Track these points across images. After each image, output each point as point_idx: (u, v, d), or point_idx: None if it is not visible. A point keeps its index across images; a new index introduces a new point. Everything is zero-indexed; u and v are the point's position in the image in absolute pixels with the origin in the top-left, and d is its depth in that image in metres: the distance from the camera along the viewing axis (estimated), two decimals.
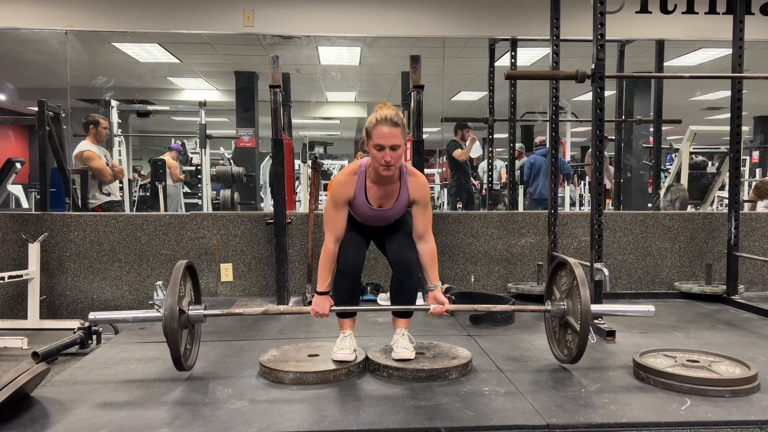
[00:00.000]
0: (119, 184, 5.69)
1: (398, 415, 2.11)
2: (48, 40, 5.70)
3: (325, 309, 2.57)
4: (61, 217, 4.38)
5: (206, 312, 2.60)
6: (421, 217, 2.59)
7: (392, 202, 2.58)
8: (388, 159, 2.41)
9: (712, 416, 2.08)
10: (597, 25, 3.24)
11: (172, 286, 2.42)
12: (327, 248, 2.56)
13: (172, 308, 2.36)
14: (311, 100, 10.83)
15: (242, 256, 4.41)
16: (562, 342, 2.70)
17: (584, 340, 2.47)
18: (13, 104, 11.00)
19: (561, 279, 2.73)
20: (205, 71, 9.07)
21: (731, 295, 4.05)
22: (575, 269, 2.55)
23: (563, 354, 2.66)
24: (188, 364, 2.53)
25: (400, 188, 2.57)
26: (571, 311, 2.59)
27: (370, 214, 2.60)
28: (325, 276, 2.58)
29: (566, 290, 2.64)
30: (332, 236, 2.56)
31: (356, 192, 2.55)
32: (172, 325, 2.35)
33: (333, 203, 2.56)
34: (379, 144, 2.40)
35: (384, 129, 2.39)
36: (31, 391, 2.31)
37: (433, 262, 2.63)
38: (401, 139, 2.43)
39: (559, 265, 2.75)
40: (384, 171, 2.45)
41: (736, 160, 4.05)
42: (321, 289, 2.58)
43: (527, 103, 7.44)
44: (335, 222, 2.56)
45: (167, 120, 12.14)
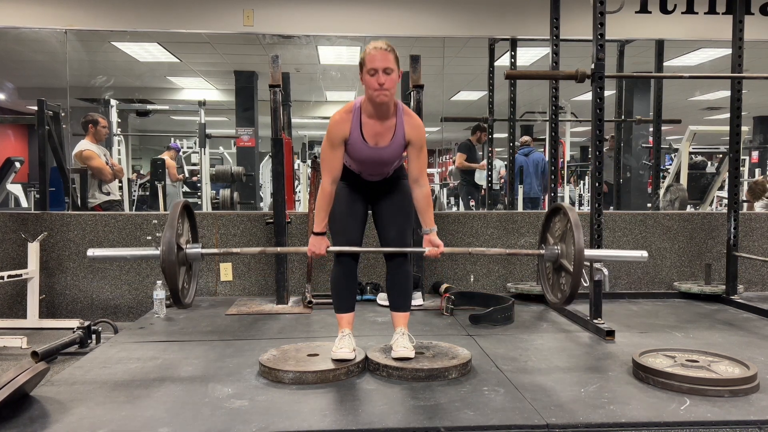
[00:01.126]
0: (119, 184, 5.68)
1: (398, 414, 2.11)
2: (47, 40, 5.70)
3: (321, 249, 2.58)
4: (60, 216, 4.38)
5: (203, 250, 2.63)
6: (416, 160, 2.58)
7: (388, 140, 2.55)
8: (381, 81, 2.39)
9: (712, 416, 2.08)
10: (597, 25, 3.24)
11: (170, 222, 2.42)
12: (324, 189, 2.56)
13: (170, 243, 2.36)
14: (311, 100, 10.82)
15: (242, 255, 4.41)
16: (555, 286, 2.72)
17: (577, 280, 2.48)
18: (12, 103, 11.00)
19: (555, 225, 2.76)
20: (204, 71, 9.07)
21: (730, 295, 4.05)
22: (569, 213, 2.57)
23: (556, 297, 2.68)
24: (186, 301, 2.54)
25: (396, 126, 2.54)
26: (564, 254, 2.62)
27: (366, 153, 2.56)
28: (321, 217, 2.58)
29: (560, 234, 2.65)
30: (329, 177, 2.56)
31: (352, 129, 2.53)
32: (170, 258, 2.35)
33: (329, 143, 2.55)
34: (372, 68, 2.39)
35: (377, 54, 2.40)
36: (31, 390, 2.31)
37: (428, 206, 2.63)
38: (394, 64, 2.42)
39: (554, 210, 2.78)
40: (378, 96, 2.41)
41: (736, 160, 4.05)
42: (318, 230, 2.59)
43: (527, 103, 7.45)
44: (332, 162, 2.55)
45: (167, 119, 12.13)
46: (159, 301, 3.75)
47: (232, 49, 7.69)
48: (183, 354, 2.90)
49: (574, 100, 8.58)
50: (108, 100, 6.66)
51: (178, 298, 2.46)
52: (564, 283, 2.62)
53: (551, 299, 2.72)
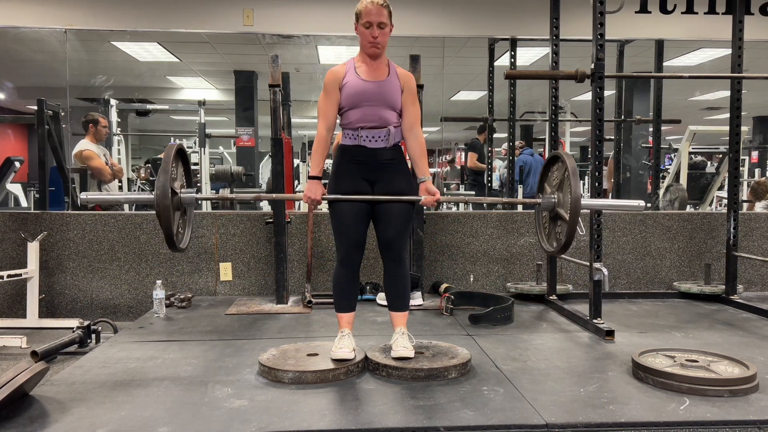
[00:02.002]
0: (118, 184, 5.68)
1: (397, 414, 2.11)
2: (47, 39, 5.70)
3: (317, 194, 2.59)
4: (60, 216, 4.38)
5: (198, 195, 2.65)
6: (411, 106, 2.67)
7: (384, 75, 2.64)
8: (375, 35, 2.55)
9: (711, 416, 2.08)
10: (596, 25, 3.24)
11: (163, 165, 2.41)
12: (320, 134, 2.64)
13: (164, 187, 2.36)
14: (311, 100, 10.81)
15: (241, 255, 4.41)
16: (551, 235, 2.75)
17: (573, 228, 2.51)
18: (12, 103, 10.99)
19: (552, 174, 2.78)
20: (204, 70, 9.07)
21: (730, 295, 4.05)
22: (567, 161, 2.58)
23: (552, 246, 2.71)
24: (180, 246, 2.55)
25: (389, 70, 2.67)
26: (561, 203, 2.65)
27: (363, 86, 2.60)
28: (318, 161, 2.63)
29: (557, 184, 2.67)
30: (324, 124, 2.63)
31: (347, 72, 2.62)
32: (164, 202, 2.35)
33: (325, 92, 2.63)
34: (367, 21, 2.55)
35: (372, 7, 2.55)
36: (30, 390, 2.31)
37: (423, 155, 2.70)
38: (388, 19, 2.58)
39: (552, 159, 2.80)
40: (371, 48, 2.58)
41: (736, 160, 4.05)
42: (314, 173, 2.63)
43: (527, 103, 7.45)
44: (326, 110, 2.63)
45: (167, 119, 12.13)
46: (159, 301, 3.75)
47: (231, 49, 7.69)
48: (182, 354, 2.90)
49: (574, 100, 8.58)
50: (108, 100, 6.66)
51: (173, 242, 2.45)
52: (560, 232, 2.64)
53: (547, 248, 2.77)
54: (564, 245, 2.57)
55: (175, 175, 2.54)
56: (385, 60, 2.68)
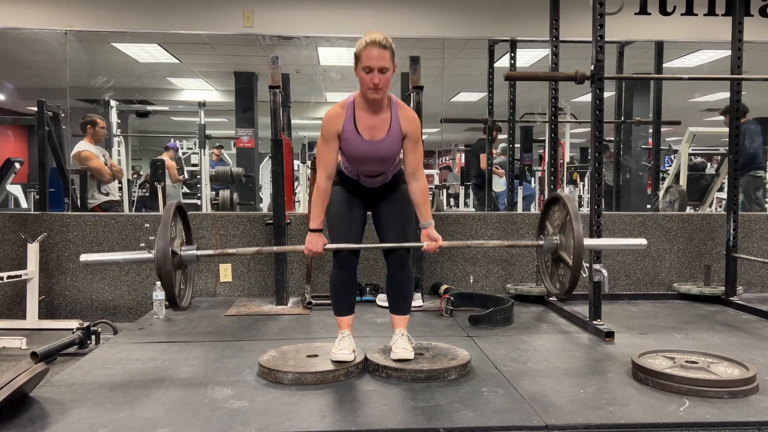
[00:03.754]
0: (118, 184, 5.68)
1: (397, 415, 2.11)
2: (47, 40, 5.69)
3: (318, 247, 2.54)
4: (60, 217, 4.38)
5: (199, 252, 2.59)
6: (412, 153, 2.55)
7: (384, 133, 2.52)
8: (376, 81, 2.38)
9: (711, 417, 2.08)
10: (596, 27, 3.25)
11: (162, 227, 2.39)
12: (319, 185, 2.55)
13: (164, 249, 2.33)
14: (311, 101, 10.82)
15: (241, 256, 4.41)
16: (554, 276, 2.69)
17: (576, 273, 2.45)
18: (12, 104, 10.99)
19: (554, 214, 2.72)
20: (204, 71, 9.07)
21: (730, 297, 4.05)
22: (568, 203, 2.54)
23: (555, 288, 2.65)
24: (183, 304, 2.51)
25: (391, 119, 2.52)
26: (563, 245, 2.59)
27: (362, 148, 2.53)
28: (317, 213, 2.56)
29: (559, 225, 2.62)
30: (324, 173, 2.54)
31: (345, 122, 2.50)
32: (165, 267, 2.33)
33: (323, 139, 2.53)
34: (367, 66, 2.38)
35: (373, 51, 2.37)
36: (30, 391, 2.31)
37: (426, 200, 2.60)
38: (390, 62, 2.40)
39: (552, 200, 2.74)
40: (372, 94, 2.42)
41: (735, 161, 4.05)
42: (314, 227, 2.56)
43: (527, 104, 7.44)
44: (326, 158, 2.53)
45: (166, 120, 12.13)
46: (158, 302, 3.75)
47: (231, 50, 7.69)
48: (182, 355, 2.90)
49: (574, 101, 8.57)
50: (108, 101, 6.66)
51: (175, 302, 2.43)
52: (563, 274, 2.60)
53: (550, 289, 2.71)
54: (568, 290, 2.53)
55: (174, 233, 2.50)
56: (387, 102, 2.52)
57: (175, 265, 2.45)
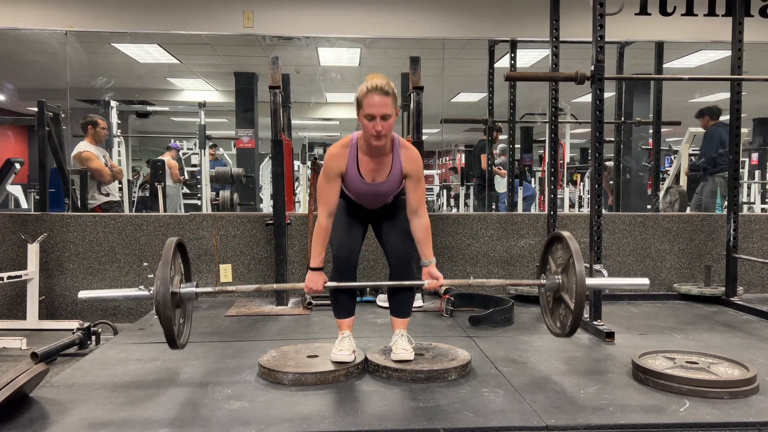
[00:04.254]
0: (118, 185, 5.68)
1: (397, 416, 2.11)
2: (48, 41, 5.70)
3: (318, 285, 2.53)
4: (60, 217, 4.38)
5: (198, 290, 2.56)
6: (414, 192, 2.55)
7: (385, 176, 2.54)
8: (378, 129, 2.37)
9: (711, 418, 2.08)
10: (596, 27, 3.25)
11: (162, 267, 2.36)
12: (320, 223, 2.53)
13: (164, 294, 2.31)
14: (311, 101, 10.84)
15: (241, 257, 4.41)
16: (555, 315, 2.67)
17: (578, 317, 2.43)
18: (12, 104, 11.01)
19: (557, 251, 2.70)
20: (204, 72, 9.08)
21: (730, 297, 4.05)
22: (570, 243, 2.51)
23: (556, 327, 2.64)
24: (181, 342, 2.50)
25: (393, 161, 2.52)
26: (565, 287, 2.57)
27: (363, 189, 2.56)
28: (318, 251, 2.55)
29: (562, 264, 2.61)
30: (325, 211, 2.53)
31: (348, 165, 2.51)
32: (166, 313, 2.32)
33: (325, 177, 2.52)
34: (369, 114, 2.37)
35: (375, 98, 2.36)
36: (30, 391, 2.31)
37: (427, 238, 2.59)
38: (392, 108, 2.39)
39: (555, 238, 2.73)
40: (375, 141, 2.41)
41: (735, 161, 4.05)
42: (314, 265, 2.55)
43: (527, 105, 7.45)
44: (328, 196, 2.53)
45: (167, 121, 12.15)
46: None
47: (232, 51, 7.70)
48: (183, 355, 2.89)
49: (574, 101, 8.58)
50: (108, 102, 6.67)
51: (174, 342, 2.40)
52: (564, 315, 2.58)
53: (551, 327, 2.69)
54: (569, 333, 2.51)
55: (174, 271, 2.48)
56: (390, 144, 2.51)
57: (174, 304, 2.43)
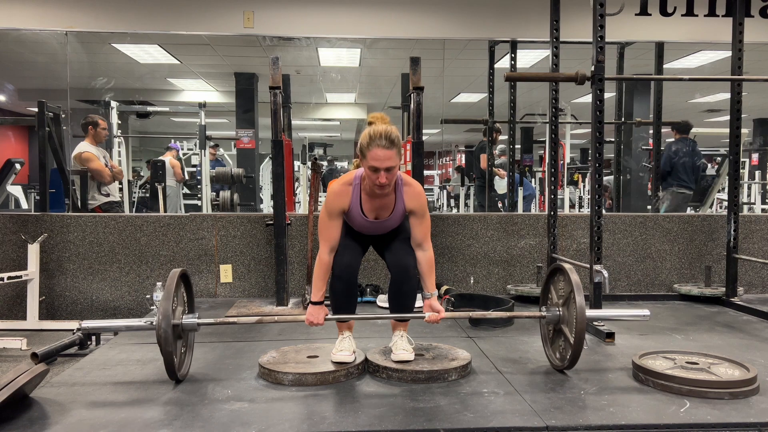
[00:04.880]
0: (119, 185, 5.68)
1: (397, 416, 2.11)
2: (48, 41, 5.70)
3: (319, 319, 2.54)
4: (60, 217, 4.38)
5: (200, 321, 2.58)
6: (419, 227, 2.56)
7: (388, 213, 2.57)
8: (383, 181, 2.39)
9: (712, 418, 2.08)
10: (597, 27, 3.25)
11: (165, 297, 2.38)
12: (321, 259, 2.54)
13: (166, 329, 2.32)
14: (311, 102, 10.84)
15: (242, 257, 4.41)
16: (555, 345, 2.68)
17: (578, 351, 2.45)
18: (12, 105, 11.00)
19: (558, 283, 2.71)
20: (204, 72, 9.08)
21: (730, 298, 4.05)
22: (571, 276, 2.52)
23: (556, 357, 2.66)
24: (182, 373, 2.50)
25: (396, 200, 2.55)
26: (566, 320, 2.57)
27: (366, 225, 2.60)
28: (319, 286, 2.56)
29: (563, 296, 2.62)
30: (327, 246, 2.54)
31: (351, 203, 2.54)
32: (167, 348, 2.33)
33: (327, 214, 2.53)
34: (373, 166, 2.38)
35: (379, 152, 2.35)
36: (30, 391, 2.31)
37: (431, 271, 2.61)
38: (396, 160, 2.40)
39: (556, 270, 2.73)
40: (378, 191, 2.45)
41: (736, 162, 4.05)
42: (315, 299, 2.57)
43: (527, 105, 7.45)
44: (330, 232, 2.54)
45: (167, 121, 12.15)
46: (159, 303, 3.74)
47: (232, 51, 7.70)
48: None
49: (574, 102, 8.59)
50: (108, 102, 6.67)
51: (174, 374, 2.41)
52: (563, 347, 2.59)
53: (550, 358, 2.69)
54: (568, 366, 2.53)
55: (176, 303, 2.49)
56: (393, 184, 2.51)
57: (176, 336, 2.44)
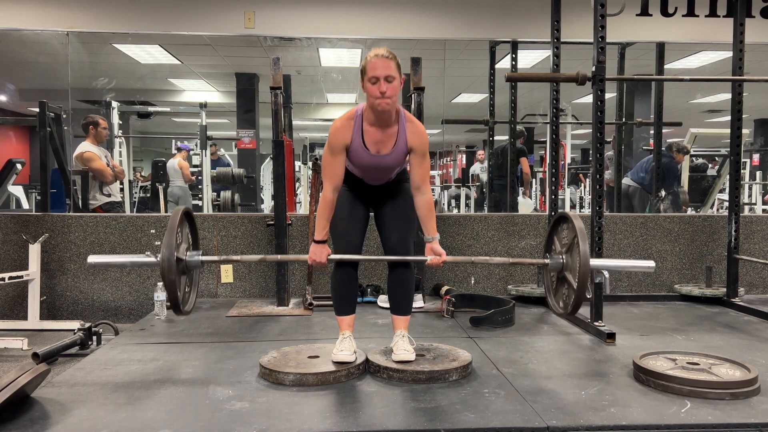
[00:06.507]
0: (120, 186, 5.69)
1: (398, 416, 2.11)
2: (49, 42, 5.71)
3: (322, 257, 2.55)
4: (61, 218, 4.39)
5: (203, 258, 2.61)
6: (418, 167, 2.56)
7: (390, 147, 2.55)
8: (383, 89, 2.38)
9: (712, 419, 2.08)
10: (597, 28, 3.25)
11: (168, 233, 2.41)
12: (325, 196, 2.55)
13: (169, 258, 2.35)
14: (312, 102, 10.83)
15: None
16: (558, 294, 2.69)
17: (580, 296, 2.45)
18: (14, 105, 11.01)
19: (562, 232, 2.72)
20: (205, 73, 9.08)
21: (731, 298, 4.05)
22: (575, 222, 2.53)
23: (558, 306, 2.66)
24: (186, 309, 2.52)
25: (398, 133, 2.53)
26: (569, 266, 2.58)
27: (367, 161, 2.56)
28: (322, 225, 2.56)
29: (567, 244, 2.62)
30: (330, 185, 2.55)
31: (353, 136, 2.53)
32: (170, 277, 2.35)
33: (330, 150, 2.54)
34: (374, 76, 2.39)
35: (377, 61, 2.39)
36: (32, 391, 2.31)
37: (431, 214, 2.61)
38: (396, 71, 2.41)
39: (561, 219, 2.75)
40: (380, 104, 2.41)
41: (737, 162, 4.05)
42: (319, 238, 2.57)
43: (528, 105, 7.45)
44: (333, 170, 2.54)
45: (168, 121, 12.16)
46: (160, 303, 3.75)
47: (233, 51, 7.71)
48: (184, 356, 2.90)
49: (575, 102, 8.58)
50: (109, 102, 6.67)
51: (178, 307, 2.44)
52: (567, 294, 2.60)
53: (553, 307, 2.71)
54: (571, 312, 2.54)
55: (180, 239, 2.51)
56: (395, 115, 2.52)
57: (180, 271, 2.46)
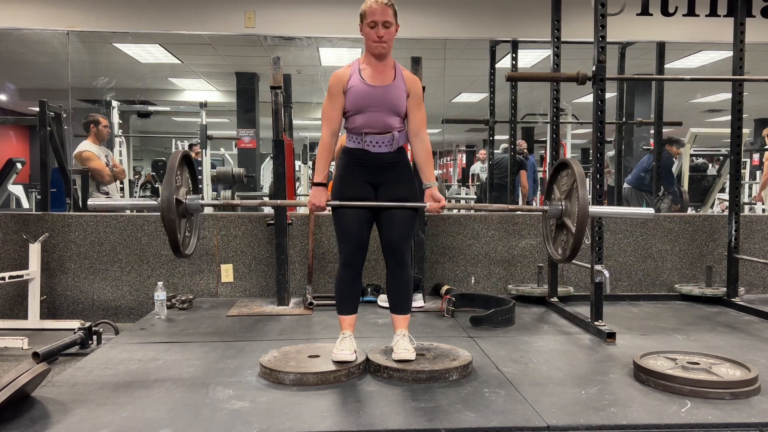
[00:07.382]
0: (120, 185, 5.68)
1: (398, 416, 2.11)
2: (49, 41, 5.70)
3: (321, 201, 2.60)
4: (61, 217, 4.39)
5: (203, 202, 2.65)
6: (416, 111, 2.65)
7: (390, 79, 2.61)
8: (381, 34, 2.51)
9: (713, 418, 2.08)
10: (598, 27, 3.25)
11: (168, 175, 2.43)
12: (324, 140, 2.61)
13: (168, 200, 2.38)
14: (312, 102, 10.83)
15: (242, 257, 4.41)
16: (557, 242, 2.71)
17: (579, 240, 2.48)
18: (14, 104, 11.01)
19: (561, 179, 2.74)
20: (205, 72, 9.08)
21: (732, 298, 4.05)
22: (575, 167, 2.57)
23: (557, 254, 2.67)
24: (187, 251, 2.55)
25: (395, 72, 2.63)
26: (568, 212, 2.62)
27: (367, 93, 2.57)
28: (322, 167, 2.62)
29: (566, 191, 2.63)
30: (328, 129, 2.61)
31: (351, 76, 2.59)
32: (169, 216, 2.39)
33: (329, 96, 2.61)
34: (372, 21, 2.51)
35: (377, 8, 2.52)
36: (32, 391, 2.31)
37: (428, 160, 2.66)
38: (393, 18, 2.54)
39: (561, 165, 2.76)
40: (377, 47, 2.54)
41: (737, 162, 4.05)
42: (318, 180, 2.62)
43: (528, 105, 7.45)
44: (330, 113, 2.60)
45: (168, 121, 12.15)
46: (160, 302, 3.75)
47: (233, 51, 7.70)
48: (184, 355, 2.90)
49: (575, 102, 8.57)
50: (109, 102, 6.67)
51: (178, 249, 2.47)
52: (565, 240, 2.62)
53: (553, 254, 2.74)
54: (569, 256, 2.56)
55: (180, 182, 2.54)
56: (391, 62, 2.64)
57: (180, 214, 2.50)
